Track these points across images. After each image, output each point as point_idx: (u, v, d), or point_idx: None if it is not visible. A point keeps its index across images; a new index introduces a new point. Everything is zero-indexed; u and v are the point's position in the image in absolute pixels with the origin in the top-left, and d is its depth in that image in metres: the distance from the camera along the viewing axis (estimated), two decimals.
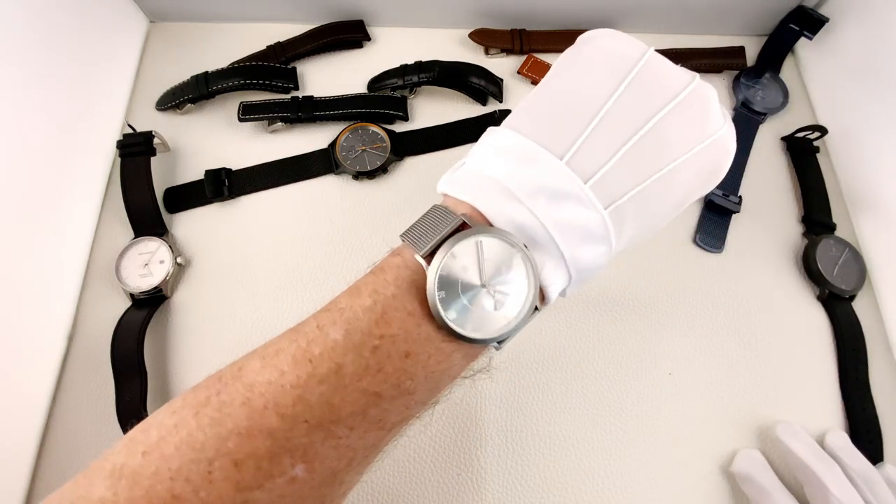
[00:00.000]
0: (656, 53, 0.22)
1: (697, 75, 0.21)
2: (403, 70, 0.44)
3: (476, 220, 0.20)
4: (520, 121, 0.22)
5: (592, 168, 0.20)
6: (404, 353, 0.19)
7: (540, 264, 0.20)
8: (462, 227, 0.20)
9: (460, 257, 0.19)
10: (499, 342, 0.20)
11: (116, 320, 0.35)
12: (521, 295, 0.20)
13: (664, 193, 0.21)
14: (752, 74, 0.46)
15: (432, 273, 0.19)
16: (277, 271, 0.39)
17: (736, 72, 0.47)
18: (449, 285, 0.19)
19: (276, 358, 0.19)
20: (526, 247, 0.20)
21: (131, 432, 0.19)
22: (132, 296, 0.36)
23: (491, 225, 0.20)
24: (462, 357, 0.20)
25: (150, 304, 0.36)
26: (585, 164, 0.20)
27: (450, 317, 0.19)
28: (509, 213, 0.20)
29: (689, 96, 0.21)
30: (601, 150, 0.20)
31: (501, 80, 0.46)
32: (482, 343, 0.20)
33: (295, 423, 0.18)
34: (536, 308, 0.20)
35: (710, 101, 0.21)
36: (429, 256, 0.20)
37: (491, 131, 0.22)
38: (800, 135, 0.44)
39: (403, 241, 0.21)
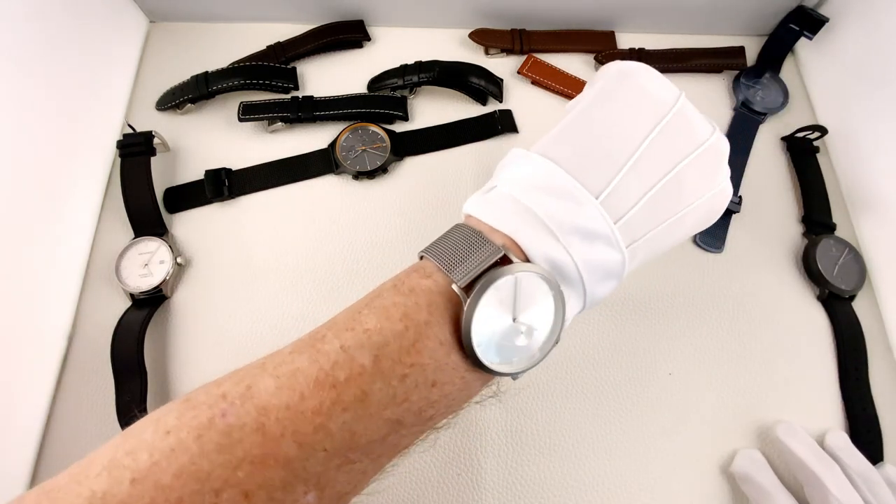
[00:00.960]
0: (686, 100, 0.22)
1: (717, 127, 0.23)
2: (403, 70, 0.44)
3: (514, 252, 0.20)
4: (558, 152, 0.21)
5: (623, 210, 0.20)
6: (431, 382, 0.19)
7: (567, 301, 0.21)
8: (503, 261, 0.19)
9: (498, 291, 0.19)
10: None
11: (116, 320, 0.35)
12: (547, 330, 0.20)
13: (671, 234, 0.22)
14: (752, 74, 0.46)
15: (473, 308, 0.18)
16: (277, 271, 0.39)
17: (736, 72, 0.47)
18: (489, 331, 0.19)
19: (294, 379, 0.17)
20: (560, 291, 0.20)
21: (111, 451, 0.17)
22: (132, 296, 0.36)
23: (528, 260, 0.20)
24: (481, 385, 0.21)
25: (150, 304, 0.36)
26: (618, 204, 0.20)
27: (479, 350, 0.19)
28: (546, 250, 0.20)
29: (709, 147, 0.22)
30: (632, 193, 0.21)
31: (501, 80, 0.46)
32: (507, 375, 0.20)
33: (313, 451, 0.17)
34: (559, 339, 0.21)
35: (723, 154, 0.23)
36: (467, 287, 0.19)
37: (524, 155, 0.22)
38: (800, 135, 0.44)
39: (430, 260, 0.20)
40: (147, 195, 0.38)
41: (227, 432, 0.16)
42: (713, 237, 0.41)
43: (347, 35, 0.46)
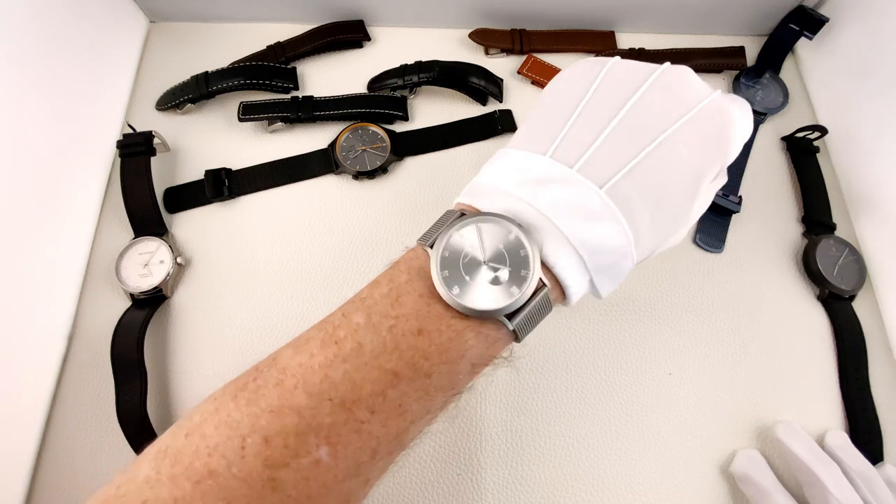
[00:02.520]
0: (620, 59, 0.24)
1: (666, 63, 0.24)
2: (403, 70, 0.44)
3: (473, 213, 0.22)
4: (515, 139, 0.25)
5: (576, 155, 0.22)
6: (417, 329, 0.20)
7: (539, 242, 0.21)
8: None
9: (462, 242, 0.21)
10: (517, 333, 0.21)
11: (116, 320, 0.35)
12: (523, 269, 0.21)
13: (665, 169, 0.22)
14: (752, 74, 0.46)
15: (434, 254, 0.21)
16: (277, 271, 0.39)
17: (736, 72, 0.47)
18: (453, 266, 0.21)
19: (307, 344, 0.21)
20: (521, 226, 0.21)
21: (179, 420, 0.21)
22: (132, 296, 0.36)
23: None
24: (475, 337, 0.21)
25: (150, 304, 0.36)
26: (569, 153, 0.22)
27: (453, 292, 0.20)
28: (501, 203, 0.22)
29: (661, 76, 0.23)
30: (583, 140, 0.22)
31: (501, 80, 0.46)
32: (485, 315, 0.20)
33: (320, 400, 0.19)
34: (544, 284, 0.21)
35: (685, 74, 0.23)
36: (433, 245, 0.22)
37: (497, 153, 0.25)
38: (800, 135, 0.44)
39: (417, 241, 0.23)
40: (147, 195, 0.38)
41: (255, 390, 0.20)
42: (713, 237, 0.41)
43: (347, 35, 0.46)
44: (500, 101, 0.45)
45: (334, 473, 0.19)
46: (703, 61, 0.47)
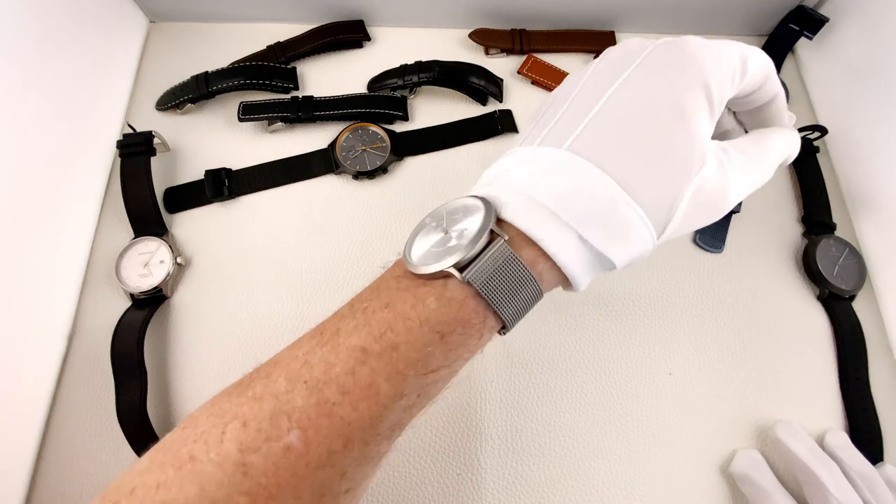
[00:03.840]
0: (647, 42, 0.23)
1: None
2: (403, 70, 0.44)
3: None
4: (517, 139, 0.25)
5: (540, 138, 0.22)
6: (385, 304, 0.20)
7: (501, 203, 0.21)
8: None
9: (433, 224, 0.22)
10: (482, 293, 0.19)
11: (116, 320, 0.35)
12: (478, 224, 0.20)
13: (622, 109, 0.21)
14: None
15: (409, 237, 0.22)
16: (277, 271, 0.39)
17: None
18: (422, 243, 0.22)
19: (300, 340, 0.21)
20: (483, 199, 0.21)
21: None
22: (132, 296, 0.36)
23: None
24: (437, 300, 0.20)
25: (150, 304, 0.36)
26: (534, 139, 0.22)
27: (414, 258, 0.21)
28: (482, 192, 0.22)
29: (652, 50, 0.22)
30: (545, 123, 0.23)
31: (501, 80, 0.46)
32: (436, 268, 0.20)
33: (296, 384, 0.19)
34: (498, 235, 0.20)
35: (618, 43, 0.23)
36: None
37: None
38: (800, 135, 0.44)
39: None
40: (147, 195, 0.38)
41: (248, 384, 0.20)
42: (713, 237, 0.41)
43: (347, 35, 0.46)
44: (500, 101, 0.45)
45: (305, 461, 0.18)
46: None
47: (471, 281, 0.19)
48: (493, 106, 0.45)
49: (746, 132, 0.27)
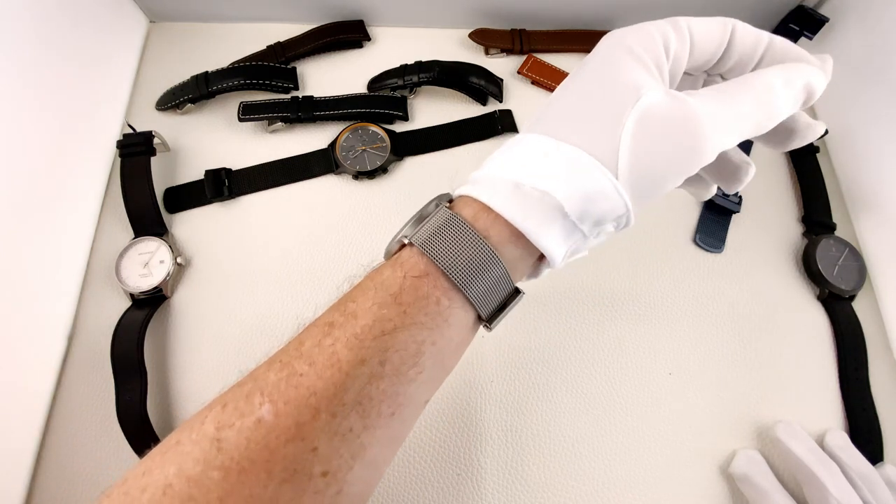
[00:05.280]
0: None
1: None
2: (403, 70, 0.44)
3: None
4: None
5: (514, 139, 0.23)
6: (357, 286, 0.22)
7: (469, 182, 0.22)
8: None
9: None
10: (486, 321, 0.22)
11: (116, 320, 0.35)
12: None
13: (563, 92, 0.22)
14: None
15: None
16: (277, 271, 0.39)
17: None
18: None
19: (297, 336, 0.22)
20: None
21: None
22: (132, 296, 0.36)
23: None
24: (390, 268, 0.21)
25: (150, 304, 0.36)
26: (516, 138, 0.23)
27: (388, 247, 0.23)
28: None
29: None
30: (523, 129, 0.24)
31: (501, 80, 0.46)
32: (395, 244, 0.22)
33: (273, 363, 0.20)
34: (440, 203, 0.22)
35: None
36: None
37: None
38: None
39: None
40: (147, 195, 0.38)
41: (243, 382, 0.21)
42: (713, 237, 0.41)
43: (347, 35, 0.46)
44: (500, 101, 0.45)
45: (276, 434, 0.18)
46: None
47: (413, 241, 0.21)
48: (493, 106, 0.45)
49: None
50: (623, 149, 0.20)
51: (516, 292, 0.22)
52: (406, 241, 0.21)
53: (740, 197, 0.41)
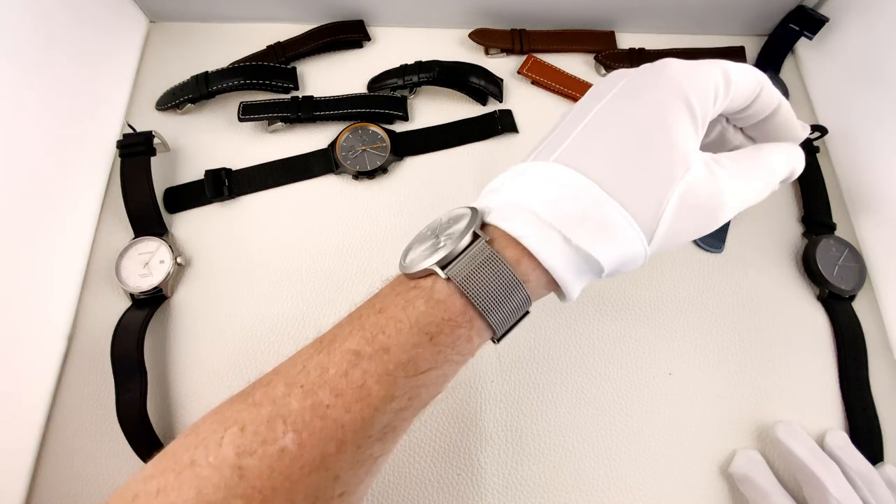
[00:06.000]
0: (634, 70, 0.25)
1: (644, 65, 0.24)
2: (403, 70, 0.44)
3: None
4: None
5: (548, 154, 0.23)
6: (379, 309, 0.21)
7: (489, 210, 0.22)
8: None
9: (429, 230, 0.23)
10: (464, 290, 0.20)
11: (116, 320, 0.35)
12: (462, 225, 0.21)
13: (606, 122, 0.22)
14: None
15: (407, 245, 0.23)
16: (277, 271, 0.39)
17: None
18: (415, 249, 0.23)
19: (301, 350, 0.22)
20: (473, 208, 0.22)
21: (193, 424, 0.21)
22: (132, 296, 0.36)
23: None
24: (425, 302, 0.20)
25: (150, 304, 0.36)
26: (540, 156, 0.23)
27: (406, 260, 0.22)
28: (475, 203, 0.23)
29: (637, 73, 0.24)
30: (556, 142, 0.23)
31: (501, 80, 0.46)
32: (422, 267, 0.21)
33: (293, 388, 0.20)
34: (478, 236, 0.21)
35: (653, 68, 0.23)
36: None
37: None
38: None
39: None
40: (147, 195, 0.38)
41: (250, 392, 0.21)
42: (713, 237, 0.41)
43: (347, 35, 0.46)
44: (500, 101, 0.45)
45: (300, 464, 0.18)
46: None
47: (451, 277, 0.20)
48: (493, 106, 0.45)
49: None
50: (663, 223, 0.21)
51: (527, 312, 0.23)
52: (443, 277, 0.20)
53: None
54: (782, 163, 0.25)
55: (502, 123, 0.44)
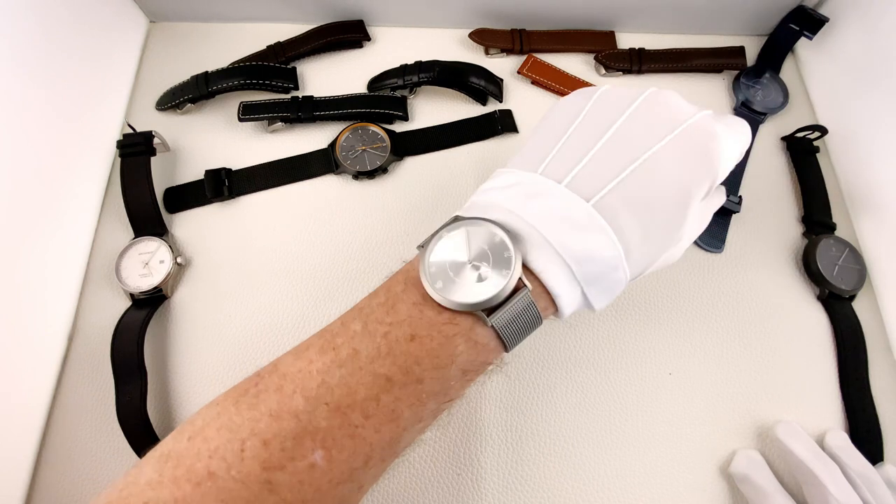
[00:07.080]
0: (609, 87, 0.25)
1: (652, 88, 0.24)
2: (403, 70, 0.44)
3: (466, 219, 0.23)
4: (511, 162, 0.25)
5: (565, 172, 0.22)
6: (409, 336, 0.21)
7: (525, 250, 0.21)
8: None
9: (450, 244, 0.22)
10: (503, 338, 0.21)
11: (116, 320, 0.35)
12: (505, 269, 0.21)
13: (651, 183, 0.22)
14: (751, 74, 0.46)
15: (424, 255, 0.22)
16: (277, 271, 0.39)
17: (736, 72, 0.47)
18: (440, 265, 0.22)
19: (307, 351, 0.22)
20: (507, 231, 0.21)
21: (181, 425, 0.21)
22: (132, 296, 0.36)
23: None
24: (465, 343, 0.21)
25: (150, 304, 0.36)
26: (559, 170, 0.23)
27: (436, 286, 0.21)
28: (492, 215, 0.22)
29: (647, 100, 0.23)
30: (572, 158, 0.23)
31: (501, 80, 0.46)
32: (464, 308, 0.21)
33: (317, 404, 0.20)
34: (525, 285, 0.21)
35: (669, 97, 0.24)
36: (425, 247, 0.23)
37: (493, 173, 0.26)
38: (800, 135, 0.44)
39: (417, 248, 0.24)
40: (147, 195, 0.38)
41: (255, 395, 0.20)
42: (713, 237, 0.41)
43: (347, 35, 0.46)
44: (500, 101, 0.45)
45: (329, 478, 0.19)
46: (702, 61, 0.47)
47: (495, 326, 0.21)
48: (493, 106, 0.45)
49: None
50: (651, 268, 0.24)
51: None
52: (488, 325, 0.21)
53: (740, 197, 0.41)
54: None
55: (502, 123, 0.44)
